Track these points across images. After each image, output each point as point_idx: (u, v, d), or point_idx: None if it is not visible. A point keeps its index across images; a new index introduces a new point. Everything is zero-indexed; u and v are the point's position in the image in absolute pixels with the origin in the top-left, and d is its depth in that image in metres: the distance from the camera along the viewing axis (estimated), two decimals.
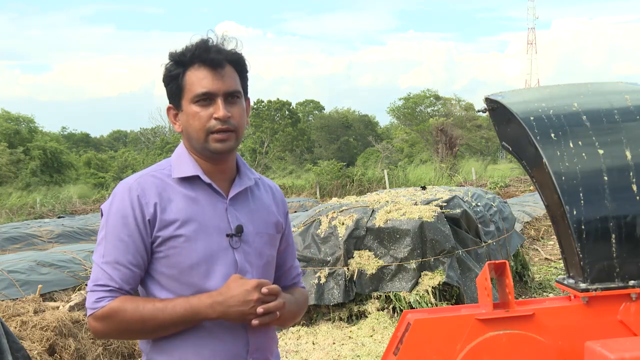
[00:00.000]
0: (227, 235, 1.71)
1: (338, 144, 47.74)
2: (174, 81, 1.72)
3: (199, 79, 1.68)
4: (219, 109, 1.67)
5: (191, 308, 1.61)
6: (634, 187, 2.06)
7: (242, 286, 1.62)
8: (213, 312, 1.61)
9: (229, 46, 1.73)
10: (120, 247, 1.64)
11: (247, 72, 1.78)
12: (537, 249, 10.44)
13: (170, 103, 1.76)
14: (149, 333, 1.63)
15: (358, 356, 5.36)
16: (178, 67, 1.71)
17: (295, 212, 16.35)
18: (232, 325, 1.69)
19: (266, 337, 1.78)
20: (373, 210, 6.44)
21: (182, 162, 1.74)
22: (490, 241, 6.87)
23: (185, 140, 1.77)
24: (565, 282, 2.17)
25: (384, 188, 22.87)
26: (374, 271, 6.02)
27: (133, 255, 1.64)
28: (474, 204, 7.17)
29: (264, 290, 1.63)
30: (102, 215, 1.71)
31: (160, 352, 1.69)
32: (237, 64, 1.75)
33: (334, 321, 6.13)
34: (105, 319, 1.60)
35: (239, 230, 1.73)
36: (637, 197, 2.05)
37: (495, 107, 2.32)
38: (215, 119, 1.68)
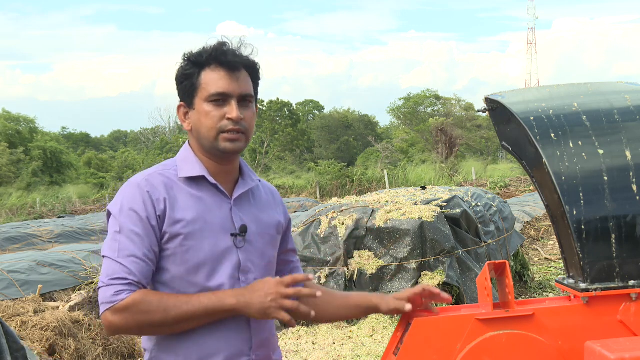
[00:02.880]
0: (232, 235, 1.74)
1: (338, 144, 47.73)
2: (188, 79, 1.75)
3: (215, 80, 1.72)
4: (233, 110, 1.71)
5: (216, 298, 1.63)
6: (634, 187, 2.06)
7: (268, 281, 1.65)
8: (237, 302, 1.63)
9: (246, 52, 1.77)
10: (136, 241, 1.64)
11: (259, 79, 1.83)
12: (537, 249, 10.44)
13: (181, 101, 1.79)
14: (169, 325, 1.63)
15: (358, 356, 5.36)
16: (194, 66, 1.74)
17: (295, 212, 16.35)
18: (236, 323, 1.71)
19: (269, 334, 1.81)
20: (373, 210, 6.44)
21: (188, 162, 1.77)
22: (490, 241, 6.87)
23: (193, 139, 1.80)
24: (565, 282, 2.17)
25: (384, 188, 22.87)
26: (374, 271, 6.02)
27: (148, 249, 1.65)
28: (474, 204, 7.17)
29: (288, 281, 1.64)
30: (108, 215, 1.72)
31: (165, 350, 1.70)
32: (252, 70, 1.79)
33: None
34: (127, 311, 1.59)
35: (243, 230, 1.75)
36: (637, 197, 2.05)
37: (495, 107, 2.32)
38: (228, 119, 1.71)
